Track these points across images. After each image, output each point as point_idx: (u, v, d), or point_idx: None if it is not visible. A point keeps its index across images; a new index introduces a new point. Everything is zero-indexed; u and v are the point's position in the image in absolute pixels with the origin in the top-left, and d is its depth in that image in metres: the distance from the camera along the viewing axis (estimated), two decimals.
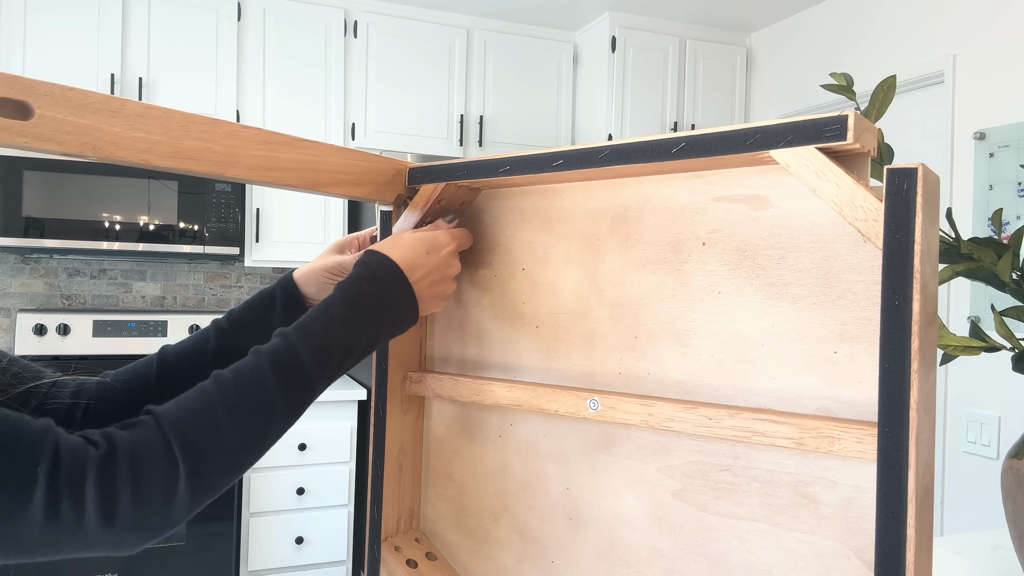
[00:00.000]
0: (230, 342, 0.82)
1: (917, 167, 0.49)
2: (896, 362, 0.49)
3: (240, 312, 0.85)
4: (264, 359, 0.63)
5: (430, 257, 0.74)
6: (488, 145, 3.28)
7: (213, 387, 0.60)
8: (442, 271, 0.76)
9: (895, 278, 0.49)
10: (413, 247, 0.74)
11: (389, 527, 0.87)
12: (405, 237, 0.74)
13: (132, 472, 0.53)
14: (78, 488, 0.51)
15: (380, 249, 0.73)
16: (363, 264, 0.72)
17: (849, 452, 0.54)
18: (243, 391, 0.61)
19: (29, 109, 0.52)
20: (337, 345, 0.66)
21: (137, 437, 0.55)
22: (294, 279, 0.86)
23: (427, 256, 0.74)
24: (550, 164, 0.70)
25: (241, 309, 0.85)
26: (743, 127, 0.57)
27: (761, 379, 0.63)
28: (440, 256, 0.75)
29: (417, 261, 0.73)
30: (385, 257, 0.72)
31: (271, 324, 0.83)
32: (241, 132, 0.65)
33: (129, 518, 0.52)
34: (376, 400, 0.87)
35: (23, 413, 0.64)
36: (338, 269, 0.85)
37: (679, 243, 0.69)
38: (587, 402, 0.71)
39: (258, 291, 0.86)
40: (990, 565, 1.13)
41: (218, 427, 0.59)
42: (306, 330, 0.66)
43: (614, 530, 0.73)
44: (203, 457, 0.57)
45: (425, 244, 0.75)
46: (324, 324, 0.67)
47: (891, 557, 0.50)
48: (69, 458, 0.51)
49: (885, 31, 2.76)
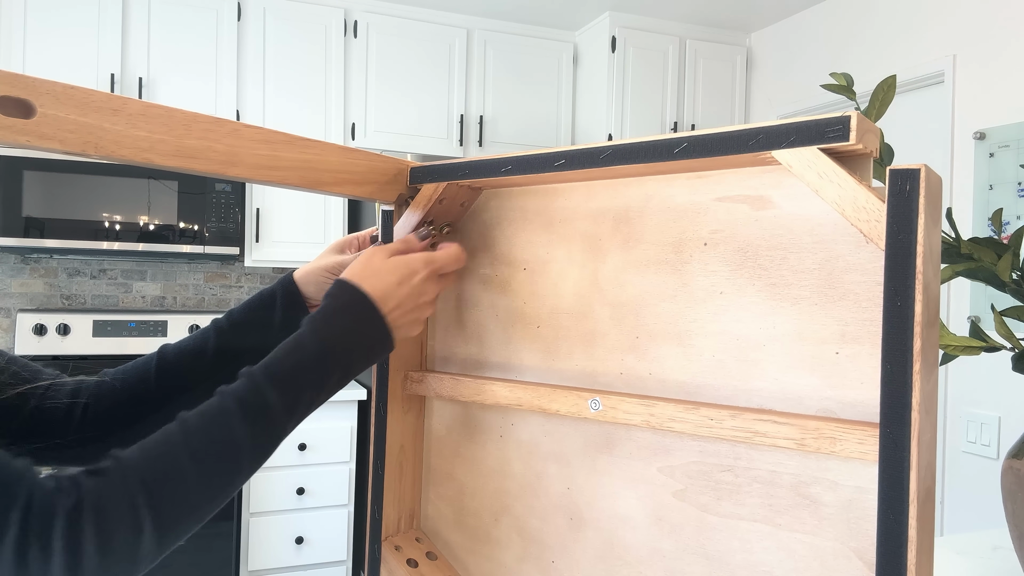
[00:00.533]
0: (230, 342, 0.81)
1: (920, 168, 0.49)
2: (898, 363, 0.49)
3: (240, 312, 0.84)
4: (229, 401, 0.61)
5: (402, 287, 0.71)
6: (488, 145, 3.28)
7: (178, 433, 0.59)
8: (416, 299, 0.72)
9: (897, 279, 0.49)
10: (385, 277, 0.70)
11: (390, 526, 0.87)
12: (376, 264, 0.71)
13: (98, 525, 0.52)
14: (46, 537, 0.50)
15: (351, 278, 0.70)
16: (333, 296, 0.69)
17: (851, 453, 0.54)
18: (209, 437, 0.59)
19: (31, 107, 0.52)
20: (306, 384, 0.64)
21: (102, 489, 0.53)
22: (294, 279, 0.85)
23: (399, 286, 0.71)
24: (552, 164, 0.70)
25: (241, 309, 0.84)
26: (745, 127, 0.57)
27: (763, 380, 0.63)
28: (413, 284, 0.72)
29: (389, 291, 0.70)
30: (356, 289, 0.69)
31: (271, 324, 0.83)
32: (243, 131, 0.65)
33: (95, 569, 0.52)
34: (377, 399, 0.86)
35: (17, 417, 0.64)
36: (338, 269, 0.84)
37: (681, 243, 0.69)
38: (588, 402, 0.71)
39: (258, 291, 0.85)
40: (990, 565, 1.13)
41: (183, 476, 0.57)
42: (273, 370, 0.63)
43: (615, 530, 0.73)
44: (168, 508, 0.56)
45: (398, 272, 0.71)
46: (293, 363, 0.64)
47: (892, 558, 0.50)
48: (40, 506, 0.51)
49: (885, 31, 2.76)
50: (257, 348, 0.79)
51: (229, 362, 0.81)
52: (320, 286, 0.85)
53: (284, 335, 0.82)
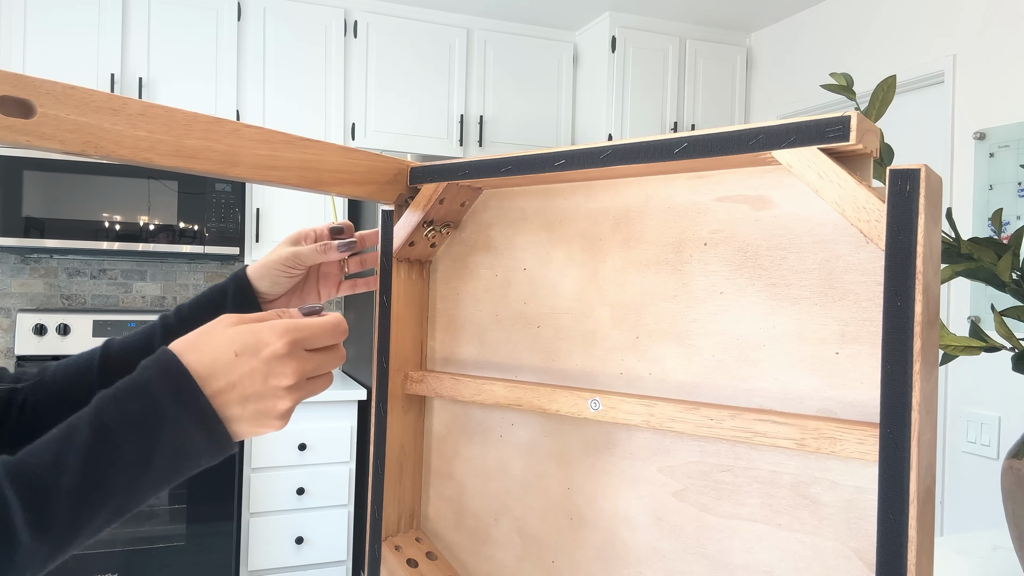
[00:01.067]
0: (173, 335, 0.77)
1: (920, 168, 0.49)
2: (898, 363, 0.49)
3: (189, 308, 0.80)
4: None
5: (240, 361, 0.52)
6: (488, 145, 3.28)
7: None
8: (263, 381, 0.52)
9: (897, 279, 0.49)
10: (218, 347, 0.52)
11: (390, 526, 0.87)
12: (217, 332, 0.53)
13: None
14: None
15: (176, 347, 0.53)
16: (142, 367, 0.51)
17: (851, 453, 0.54)
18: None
19: (31, 107, 0.52)
20: (74, 491, 0.46)
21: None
22: (247, 274, 0.81)
23: (235, 360, 0.52)
24: (552, 164, 0.70)
25: (190, 305, 0.80)
26: (746, 127, 0.57)
27: (762, 380, 0.63)
28: (257, 361, 0.52)
29: (218, 366, 0.51)
30: (174, 359, 0.51)
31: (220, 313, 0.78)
32: (243, 131, 0.65)
33: None
34: (377, 399, 0.86)
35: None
36: (293, 261, 0.81)
37: (681, 243, 0.69)
38: (588, 402, 0.71)
39: (209, 286, 0.81)
40: (990, 565, 1.13)
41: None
42: (26, 472, 0.45)
43: (615, 530, 0.73)
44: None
45: (236, 343, 0.52)
46: (51, 460, 0.46)
47: (893, 558, 0.50)
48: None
49: (885, 31, 2.76)
50: None
51: None
52: (274, 280, 0.82)
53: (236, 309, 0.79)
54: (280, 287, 0.82)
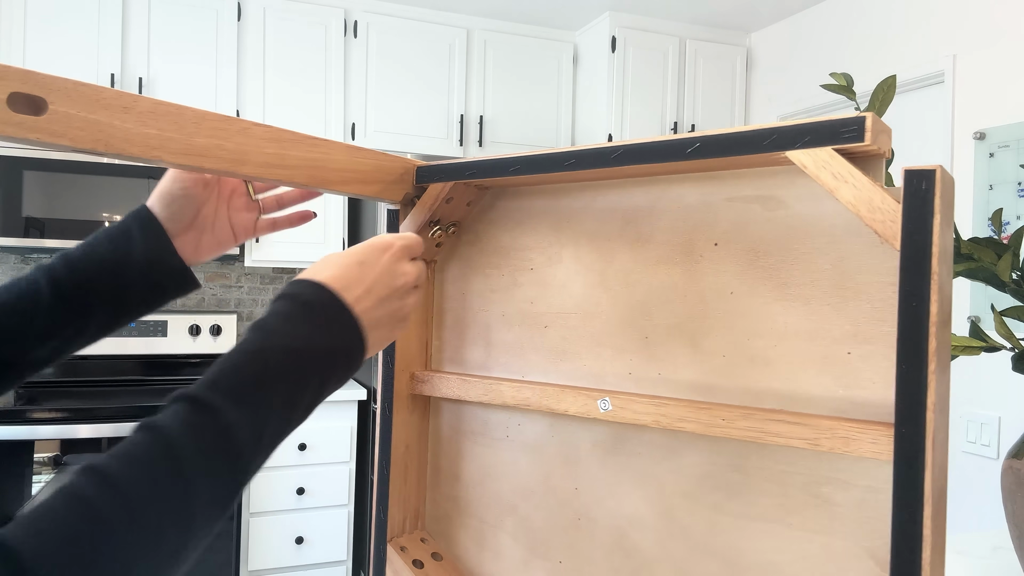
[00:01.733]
0: (70, 293, 0.64)
1: (935, 168, 0.49)
2: (913, 363, 0.49)
3: (82, 252, 0.65)
4: (175, 437, 0.43)
5: (366, 268, 0.56)
6: (488, 145, 3.28)
7: (97, 495, 0.40)
8: (389, 283, 0.57)
9: (913, 280, 0.49)
10: (342, 262, 0.56)
11: (395, 527, 0.87)
12: (333, 256, 0.58)
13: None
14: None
15: (304, 275, 0.56)
16: (285, 296, 0.54)
17: (864, 452, 0.54)
18: (144, 495, 0.41)
19: (42, 104, 0.52)
20: (276, 399, 0.49)
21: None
22: (147, 206, 0.70)
23: (362, 268, 0.56)
24: (562, 164, 0.70)
25: (82, 248, 0.66)
26: (759, 127, 0.57)
27: (774, 379, 0.63)
28: (381, 264, 0.57)
29: (351, 277, 0.55)
30: (310, 281, 0.54)
31: (129, 261, 0.67)
32: (252, 129, 0.65)
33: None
34: (382, 400, 0.86)
35: None
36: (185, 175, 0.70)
37: (691, 243, 0.69)
38: (598, 402, 0.70)
39: (103, 229, 0.67)
40: (990, 565, 1.13)
41: (103, 565, 0.39)
42: (225, 384, 0.47)
43: (623, 530, 0.73)
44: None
45: (357, 255, 0.57)
46: (253, 373, 0.48)
47: (907, 558, 0.50)
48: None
49: (885, 31, 2.76)
50: (109, 300, 0.65)
51: (71, 328, 0.64)
52: (173, 201, 0.69)
53: (148, 278, 0.67)
54: (184, 212, 0.70)
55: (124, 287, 0.66)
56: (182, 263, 0.70)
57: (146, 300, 0.69)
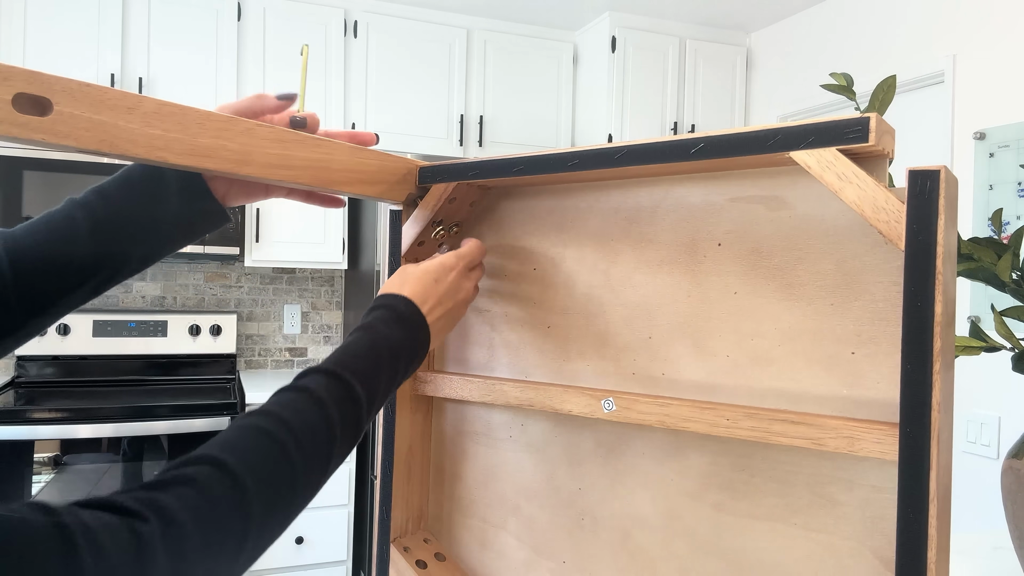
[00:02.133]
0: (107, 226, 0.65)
1: (940, 169, 0.49)
2: (918, 363, 0.50)
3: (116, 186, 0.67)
4: (330, 404, 0.56)
5: (439, 285, 0.71)
6: (488, 145, 3.28)
7: (284, 435, 0.52)
8: (453, 296, 0.72)
9: (917, 280, 0.49)
10: (421, 279, 0.70)
11: (398, 528, 0.87)
12: (410, 271, 0.71)
13: (204, 538, 0.44)
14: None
15: (391, 290, 0.69)
16: (384, 307, 0.67)
17: (868, 452, 0.54)
18: (313, 443, 0.53)
19: (47, 105, 0.52)
20: (383, 386, 0.62)
21: (215, 501, 0.45)
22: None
23: (436, 285, 0.71)
24: (565, 164, 0.70)
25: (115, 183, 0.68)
26: (763, 128, 0.57)
27: (778, 379, 0.63)
28: (448, 282, 0.72)
29: (428, 292, 0.70)
30: (400, 296, 0.68)
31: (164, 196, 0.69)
32: (256, 130, 0.65)
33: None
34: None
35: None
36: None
37: (694, 243, 0.69)
38: (602, 402, 0.70)
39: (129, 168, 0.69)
40: (990, 565, 1.14)
41: (294, 484, 0.51)
42: (354, 367, 0.60)
43: (627, 530, 0.73)
44: (274, 519, 0.49)
45: (432, 273, 0.71)
46: (372, 363, 0.61)
47: (912, 557, 0.50)
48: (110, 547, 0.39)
49: (885, 31, 2.76)
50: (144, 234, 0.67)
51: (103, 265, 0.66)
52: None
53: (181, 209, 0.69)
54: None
55: (156, 225, 0.69)
56: (216, 204, 0.73)
57: (174, 240, 0.72)
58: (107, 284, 0.68)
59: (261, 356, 3.32)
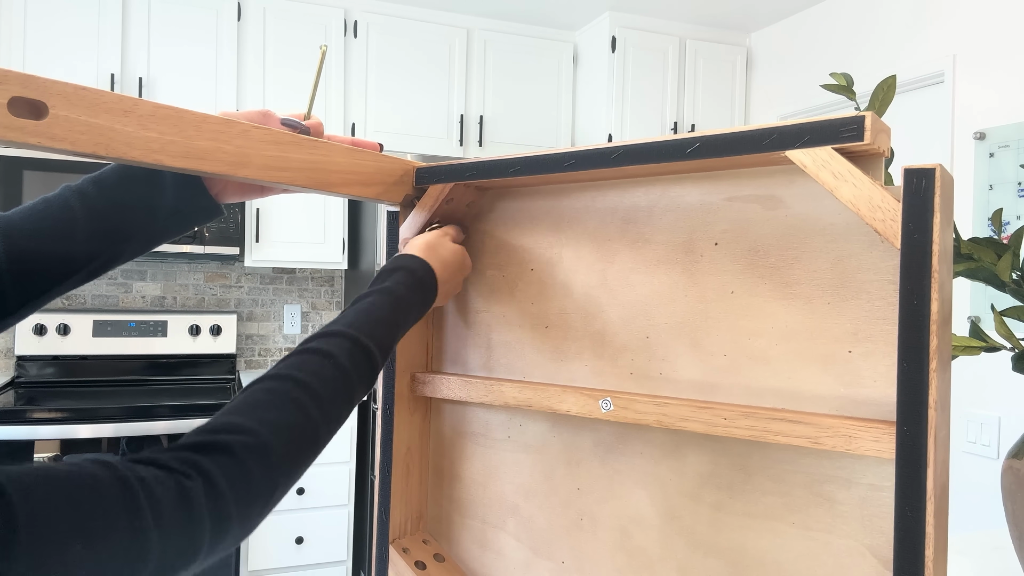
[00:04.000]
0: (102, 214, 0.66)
1: (935, 167, 0.49)
2: (914, 361, 0.49)
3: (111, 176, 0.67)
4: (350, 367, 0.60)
5: (461, 273, 0.81)
6: (488, 145, 3.28)
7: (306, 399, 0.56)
8: (464, 272, 0.82)
9: (913, 278, 0.49)
10: (455, 254, 0.79)
11: (397, 528, 0.87)
12: (448, 246, 0.79)
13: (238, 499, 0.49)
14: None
15: (422, 256, 0.76)
16: (418, 269, 0.74)
17: (866, 451, 0.54)
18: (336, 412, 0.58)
19: (43, 109, 0.52)
20: (393, 340, 0.67)
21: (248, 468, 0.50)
22: None
23: (459, 272, 0.80)
24: (562, 165, 0.70)
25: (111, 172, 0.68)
26: (759, 127, 0.57)
27: (775, 378, 0.63)
28: (456, 263, 0.79)
29: (449, 273, 0.78)
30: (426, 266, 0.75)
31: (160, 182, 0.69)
32: (252, 132, 0.65)
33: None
34: (384, 401, 0.86)
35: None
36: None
37: (691, 243, 0.69)
38: (599, 402, 0.70)
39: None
40: (990, 565, 1.13)
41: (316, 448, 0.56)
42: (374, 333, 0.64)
43: (626, 529, 0.73)
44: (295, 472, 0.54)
45: (456, 261, 0.80)
46: (389, 326, 0.66)
47: (910, 555, 0.50)
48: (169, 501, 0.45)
49: (885, 31, 2.76)
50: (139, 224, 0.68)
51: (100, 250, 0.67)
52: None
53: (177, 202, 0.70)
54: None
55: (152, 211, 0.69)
56: (211, 199, 0.73)
57: (168, 231, 0.73)
58: (100, 271, 0.69)
59: (261, 356, 3.32)
